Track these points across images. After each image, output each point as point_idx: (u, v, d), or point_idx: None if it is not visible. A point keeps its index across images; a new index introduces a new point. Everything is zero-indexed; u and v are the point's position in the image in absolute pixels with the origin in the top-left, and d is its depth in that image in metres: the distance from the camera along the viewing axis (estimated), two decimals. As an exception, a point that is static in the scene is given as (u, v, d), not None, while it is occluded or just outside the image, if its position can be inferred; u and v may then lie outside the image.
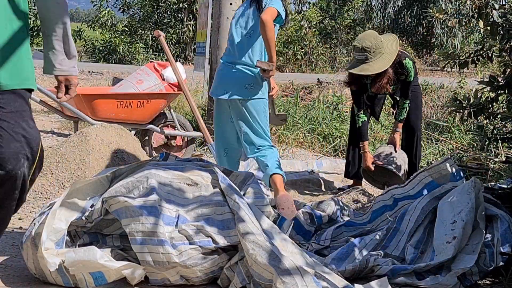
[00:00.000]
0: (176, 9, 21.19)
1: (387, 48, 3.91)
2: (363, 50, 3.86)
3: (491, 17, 2.92)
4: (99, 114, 4.85)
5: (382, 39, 3.92)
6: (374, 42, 3.86)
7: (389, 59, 3.89)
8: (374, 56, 3.87)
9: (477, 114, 3.16)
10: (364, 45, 3.85)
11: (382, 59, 3.88)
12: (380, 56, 3.88)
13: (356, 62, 3.94)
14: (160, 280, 2.52)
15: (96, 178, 2.78)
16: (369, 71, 3.89)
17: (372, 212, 3.18)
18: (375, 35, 3.92)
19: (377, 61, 3.87)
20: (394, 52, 3.93)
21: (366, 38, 3.88)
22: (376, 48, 3.85)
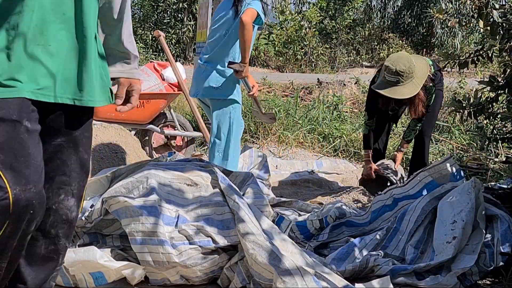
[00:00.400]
0: (176, 9, 21.20)
1: (418, 72, 3.85)
2: (396, 73, 3.79)
3: (491, 17, 2.92)
4: (99, 114, 4.84)
5: (414, 62, 3.86)
6: (408, 66, 3.79)
7: (419, 83, 3.85)
8: (405, 80, 3.81)
9: (477, 114, 3.16)
10: (398, 69, 3.78)
11: (412, 83, 3.82)
12: (411, 80, 3.82)
13: (386, 83, 3.86)
14: (160, 280, 2.52)
15: (96, 178, 2.78)
16: (400, 95, 3.84)
17: (372, 212, 3.18)
18: (409, 59, 3.85)
19: (408, 86, 3.82)
20: (424, 76, 3.88)
21: (400, 61, 3.81)
22: (409, 72, 3.80)
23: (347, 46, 21.22)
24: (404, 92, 3.83)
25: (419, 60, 3.98)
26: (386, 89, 3.85)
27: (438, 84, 4.21)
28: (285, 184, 4.52)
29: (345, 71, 16.12)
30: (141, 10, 22.46)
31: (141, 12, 22.40)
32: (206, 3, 8.41)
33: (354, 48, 21.35)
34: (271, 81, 11.43)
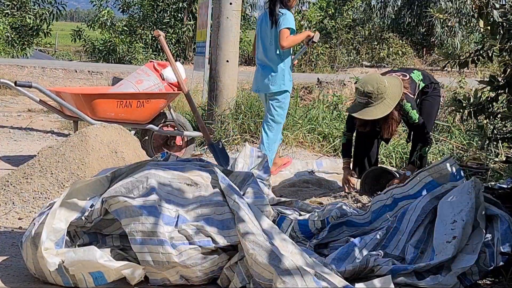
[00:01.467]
0: (175, 8, 21.19)
1: (390, 93, 3.86)
2: (365, 94, 3.84)
3: (491, 16, 2.91)
4: (98, 114, 4.85)
5: (386, 83, 3.86)
6: (377, 88, 3.82)
7: (391, 104, 3.86)
8: (375, 101, 3.84)
9: (477, 114, 3.16)
10: (366, 90, 3.82)
11: (383, 104, 3.85)
12: (382, 101, 3.84)
13: (358, 105, 3.92)
14: (160, 280, 2.52)
15: (95, 178, 2.77)
16: (370, 116, 3.88)
17: (372, 212, 3.17)
18: (378, 80, 3.86)
19: (379, 106, 3.85)
20: (397, 97, 3.89)
21: (368, 83, 3.85)
22: (378, 93, 3.82)
23: (347, 46, 21.20)
24: (375, 113, 3.86)
25: (392, 80, 3.97)
26: (358, 111, 3.91)
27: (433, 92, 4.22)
28: (285, 184, 4.52)
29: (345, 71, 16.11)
30: (141, 9, 22.45)
31: (141, 11, 22.39)
32: (206, 3, 8.41)
33: (354, 48, 21.34)
34: (271, 80, 11.42)
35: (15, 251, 2.87)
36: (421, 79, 4.20)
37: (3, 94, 9.62)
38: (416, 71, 4.27)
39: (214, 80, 6.23)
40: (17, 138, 6.41)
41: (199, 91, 8.66)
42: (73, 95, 4.88)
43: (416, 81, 4.16)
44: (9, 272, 2.61)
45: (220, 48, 6.14)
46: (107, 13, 22.02)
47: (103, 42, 21.58)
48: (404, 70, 4.28)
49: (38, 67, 12.76)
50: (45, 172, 3.66)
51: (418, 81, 4.17)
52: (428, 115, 4.23)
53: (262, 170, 4.03)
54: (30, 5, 20.81)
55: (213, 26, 6.34)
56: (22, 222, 3.32)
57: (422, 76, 4.22)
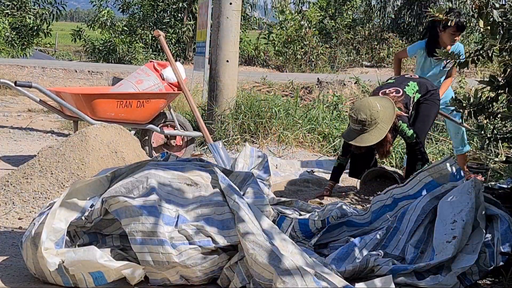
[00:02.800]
0: (175, 8, 21.20)
1: (383, 117, 3.89)
2: (358, 122, 3.87)
3: (491, 16, 2.91)
4: (98, 114, 4.85)
5: (378, 107, 3.88)
6: (370, 114, 3.85)
7: (385, 128, 3.90)
8: (369, 127, 3.87)
9: (477, 114, 3.16)
10: (359, 118, 3.85)
11: (378, 129, 3.88)
12: (376, 126, 3.88)
13: (353, 131, 3.95)
14: (160, 280, 2.52)
15: (95, 178, 2.77)
16: (366, 142, 3.91)
17: (372, 212, 3.17)
18: (370, 106, 3.88)
19: (373, 132, 3.88)
20: (391, 120, 3.92)
21: (361, 110, 3.87)
22: (371, 119, 3.86)
23: (347, 46, 21.20)
24: (371, 139, 3.90)
25: (384, 102, 3.97)
26: (354, 138, 3.94)
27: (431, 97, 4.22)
28: (285, 184, 4.52)
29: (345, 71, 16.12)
30: (141, 9, 22.46)
31: (141, 11, 22.39)
32: (206, 3, 8.41)
33: (354, 48, 21.34)
34: (271, 80, 11.43)
35: (15, 251, 2.87)
36: (417, 90, 4.19)
37: (3, 94, 9.63)
38: (411, 82, 4.24)
39: (214, 80, 6.23)
40: (17, 138, 6.41)
41: (199, 91, 8.66)
42: (73, 95, 4.88)
43: (411, 95, 4.15)
44: (9, 272, 2.61)
45: (220, 48, 6.15)
46: (107, 13, 22.03)
47: (103, 42, 21.58)
48: (399, 83, 4.25)
49: (38, 67, 12.77)
50: (45, 172, 3.66)
51: (412, 95, 4.16)
52: (426, 117, 4.22)
53: (262, 170, 4.03)
54: (30, 5, 20.83)
55: (213, 26, 6.34)
56: (22, 222, 3.32)
57: (418, 86, 4.21)
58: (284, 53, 19.53)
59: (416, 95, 4.17)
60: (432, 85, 4.34)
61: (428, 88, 4.26)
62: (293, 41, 19.23)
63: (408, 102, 4.12)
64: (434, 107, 4.30)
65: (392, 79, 4.46)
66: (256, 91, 8.66)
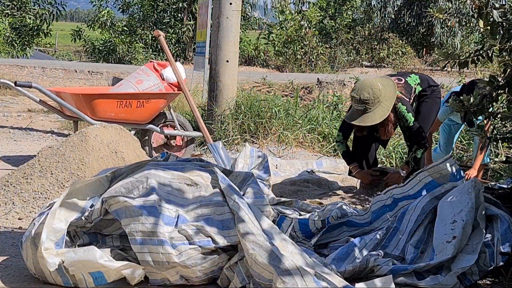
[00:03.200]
0: (175, 8, 21.20)
1: (385, 95, 3.89)
2: (361, 101, 3.86)
3: (491, 16, 2.91)
4: (98, 114, 4.85)
5: (380, 86, 3.88)
6: (372, 93, 3.84)
7: (388, 106, 3.90)
8: (373, 106, 3.86)
9: (477, 114, 3.16)
10: (362, 97, 3.85)
11: (381, 107, 3.88)
12: (379, 105, 3.87)
13: (355, 112, 3.94)
14: (160, 280, 2.52)
15: (95, 178, 2.77)
16: (370, 122, 3.90)
17: (372, 212, 3.17)
18: (372, 85, 3.88)
19: (377, 111, 3.87)
20: (393, 98, 3.92)
21: (364, 89, 3.87)
22: (374, 98, 3.85)
23: (347, 46, 21.21)
24: (374, 118, 3.89)
25: (386, 81, 3.98)
26: (356, 118, 3.92)
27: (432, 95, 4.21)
28: (285, 184, 4.51)
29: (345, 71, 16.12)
30: (140, 9, 22.46)
31: (141, 11, 22.39)
32: (206, 3, 8.41)
33: (354, 48, 21.35)
34: (271, 80, 11.43)
35: (15, 251, 2.87)
36: (418, 83, 4.19)
37: (3, 94, 9.62)
38: (413, 75, 4.26)
39: (214, 80, 6.23)
40: (17, 138, 6.41)
41: (199, 91, 8.66)
42: (73, 95, 4.88)
43: (412, 85, 4.15)
44: (9, 272, 2.61)
45: (220, 48, 6.14)
46: (107, 13, 22.04)
47: (103, 42, 21.59)
48: (401, 75, 4.28)
49: (38, 67, 12.77)
50: (45, 172, 3.66)
51: (414, 85, 4.16)
52: (427, 115, 4.22)
53: (262, 170, 4.03)
54: (30, 5, 20.84)
55: (213, 26, 6.34)
56: (22, 222, 3.32)
57: (419, 80, 4.21)
58: (284, 53, 19.54)
59: (418, 87, 4.17)
60: (433, 81, 4.34)
61: (430, 83, 4.26)
62: (293, 41, 19.24)
63: (410, 90, 4.12)
64: (435, 106, 4.30)
65: (394, 73, 4.48)
66: (256, 91, 8.66)
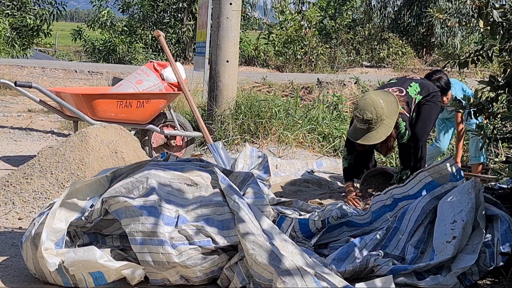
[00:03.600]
0: (175, 8, 21.20)
1: (387, 113, 3.86)
2: (364, 121, 3.83)
3: (491, 16, 2.91)
4: (98, 114, 4.85)
5: (382, 104, 3.85)
6: (375, 113, 3.81)
7: (391, 124, 3.88)
8: (376, 125, 3.84)
9: (477, 114, 3.16)
10: (365, 117, 3.81)
11: (383, 126, 3.86)
12: (382, 123, 3.85)
13: (359, 130, 3.91)
14: (160, 280, 2.52)
15: (95, 178, 2.77)
16: (373, 141, 3.88)
17: (372, 212, 3.18)
18: (375, 104, 3.84)
19: (380, 129, 3.85)
20: (395, 114, 3.90)
21: (367, 109, 3.82)
22: (377, 117, 3.82)
23: (347, 46, 21.22)
24: (377, 137, 3.87)
25: (388, 98, 3.95)
26: (360, 137, 3.90)
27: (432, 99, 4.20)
28: (285, 184, 4.52)
29: (345, 71, 16.12)
30: (140, 10, 22.45)
31: (141, 11, 22.39)
32: (206, 3, 8.41)
33: (354, 48, 21.36)
34: (271, 80, 11.44)
35: (15, 251, 2.87)
36: (419, 92, 4.17)
37: (3, 94, 9.62)
38: (413, 83, 4.22)
39: (214, 80, 6.23)
40: (17, 138, 6.41)
41: (199, 91, 8.66)
42: (73, 95, 4.88)
43: (413, 96, 4.14)
44: (9, 272, 2.62)
45: (220, 48, 6.15)
46: (107, 13, 22.04)
47: (103, 42, 21.59)
48: (402, 83, 4.23)
49: (38, 67, 12.77)
50: (45, 172, 3.66)
51: (414, 95, 4.15)
52: (428, 117, 4.21)
53: (262, 171, 4.03)
54: (30, 6, 20.84)
55: (213, 26, 6.34)
56: (22, 222, 3.32)
57: (420, 88, 4.19)
58: (284, 53, 19.54)
59: (418, 96, 4.16)
60: (433, 87, 4.33)
61: (430, 90, 4.25)
62: (293, 41, 19.25)
63: (410, 102, 4.12)
64: (436, 108, 4.28)
65: (394, 79, 4.44)
66: (256, 91, 8.66)
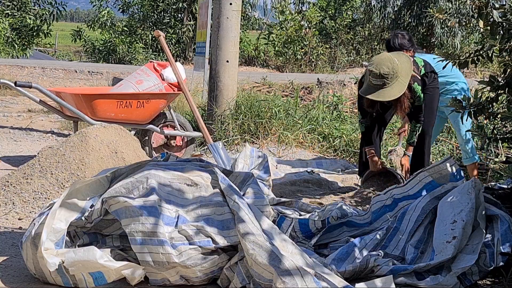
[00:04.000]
0: (175, 9, 21.20)
1: (402, 70, 3.83)
2: (381, 76, 3.78)
3: (491, 16, 2.92)
4: (99, 114, 4.85)
5: (397, 62, 3.83)
6: (392, 68, 3.78)
7: (405, 81, 3.85)
8: (391, 81, 3.79)
9: (477, 114, 3.16)
10: (382, 72, 3.77)
11: (398, 83, 3.81)
12: (397, 80, 3.81)
13: (372, 87, 3.85)
14: (160, 280, 2.52)
15: (95, 178, 2.77)
16: (388, 97, 3.84)
17: (372, 213, 3.18)
18: (391, 60, 3.82)
19: (395, 86, 3.81)
20: (409, 73, 3.88)
21: (383, 64, 3.79)
22: (393, 73, 3.78)
23: (347, 46, 21.22)
24: (392, 94, 3.82)
25: (402, 57, 3.94)
26: (373, 93, 3.84)
27: (432, 83, 4.20)
28: (285, 184, 4.52)
29: (345, 71, 16.11)
30: (141, 10, 22.46)
31: (141, 12, 22.39)
32: (206, 3, 8.41)
33: (354, 48, 21.35)
34: (271, 81, 11.43)
35: (15, 251, 2.87)
36: (423, 65, 4.17)
37: (3, 94, 9.62)
38: (417, 56, 4.24)
39: (214, 80, 6.24)
40: (17, 138, 6.41)
41: (199, 91, 8.66)
42: (73, 95, 4.88)
43: (419, 66, 4.13)
44: (9, 272, 2.62)
45: (220, 48, 6.15)
46: (107, 13, 22.04)
47: (103, 42, 21.59)
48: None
49: (38, 67, 12.77)
50: (45, 172, 3.66)
51: (420, 66, 4.14)
52: (431, 108, 4.20)
53: (262, 171, 4.03)
54: (30, 6, 20.84)
55: (213, 26, 6.35)
56: (22, 222, 3.32)
57: (423, 63, 4.19)
58: (284, 53, 19.54)
59: (422, 69, 4.14)
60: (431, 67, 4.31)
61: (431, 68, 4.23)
62: (293, 42, 19.24)
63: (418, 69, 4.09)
64: (436, 94, 4.27)
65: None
66: (256, 92, 8.66)
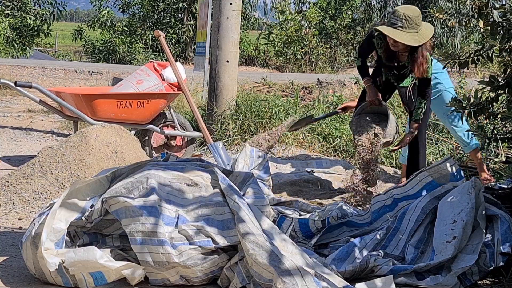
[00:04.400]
0: (176, 9, 21.20)
1: (422, 30, 3.81)
2: (403, 17, 3.75)
3: (491, 16, 2.91)
4: (99, 114, 4.85)
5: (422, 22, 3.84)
6: (416, 17, 3.77)
7: (420, 40, 3.80)
8: (408, 27, 3.77)
9: (477, 114, 3.16)
10: (406, 13, 3.76)
11: (413, 35, 3.78)
12: (414, 31, 3.78)
13: (389, 25, 3.81)
14: (160, 280, 2.52)
15: (95, 178, 2.77)
16: (399, 38, 3.77)
17: (372, 213, 3.18)
18: (419, 13, 3.83)
19: (409, 34, 3.77)
20: (426, 37, 3.84)
21: (411, 9, 3.81)
22: (415, 22, 3.76)
23: (347, 46, 21.21)
24: (404, 38, 3.77)
25: (428, 25, 3.92)
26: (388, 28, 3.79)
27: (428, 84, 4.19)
28: (285, 184, 4.52)
29: (345, 71, 16.12)
30: (141, 10, 22.46)
31: (141, 12, 22.39)
32: (206, 3, 8.41)
33: (354, 48, 21.31)
34: (271, 81, 11.43)
35: (15, 251, 2.87)
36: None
37: (3, 94, 9.62)
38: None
39: (214, 80, 6.24)
40: (17, 138, 6.41)
41: (199, 91, 8.66)
42: (73, 95, 4.88)
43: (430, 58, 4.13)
44: (9, 272, 2.62)
45: (220, 48, 6.15)
46: (107, 13, 22.04)
47: (103, 42, 21.59)
48: None
49: (38, 67, 12.77)
50: (45, 172, 3.66)
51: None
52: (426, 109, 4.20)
53: (262, 171, 4.02)
54: (30, 6, 20.84)
55: (213, 26, 6.35)
56: (22, 222, 3.32)
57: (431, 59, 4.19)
58: (284, 53, 19.54)
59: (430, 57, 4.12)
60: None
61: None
62: (293, 42, 19.24)
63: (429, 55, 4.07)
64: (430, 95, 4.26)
65: None
66: (256, 91, 8.66)
